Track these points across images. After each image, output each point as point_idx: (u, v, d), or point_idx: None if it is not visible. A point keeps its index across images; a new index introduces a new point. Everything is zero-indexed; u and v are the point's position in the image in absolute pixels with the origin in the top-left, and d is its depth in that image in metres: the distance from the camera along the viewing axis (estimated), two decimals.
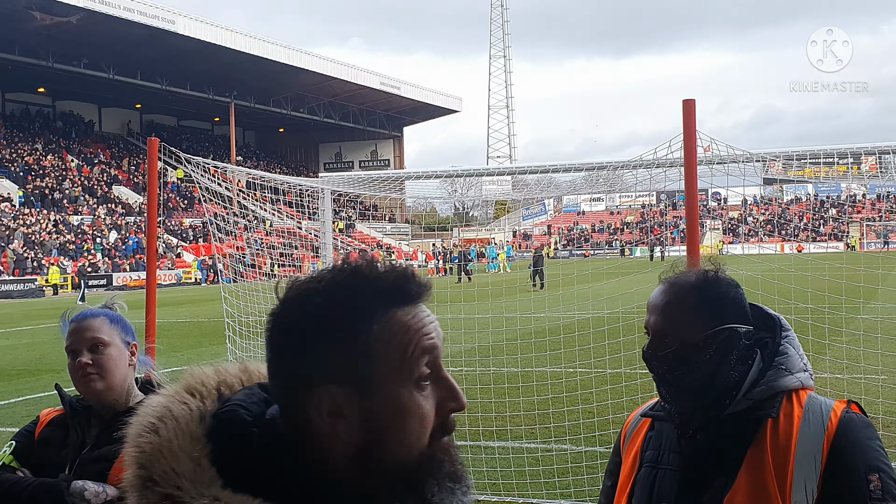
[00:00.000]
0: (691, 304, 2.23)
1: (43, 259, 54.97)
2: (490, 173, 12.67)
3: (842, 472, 2.07)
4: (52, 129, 77.58)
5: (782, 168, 9.79)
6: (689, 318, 2.22)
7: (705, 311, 2.22)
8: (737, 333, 2.21)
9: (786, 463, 2.10)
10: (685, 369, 2.20)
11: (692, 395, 2.22)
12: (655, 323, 2.29)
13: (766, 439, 2.14)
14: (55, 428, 2.97)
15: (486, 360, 13.92)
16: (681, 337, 2.21)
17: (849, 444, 2.09)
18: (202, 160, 8.95)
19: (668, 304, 2.27)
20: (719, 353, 2.19)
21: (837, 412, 2.15)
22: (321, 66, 79.28)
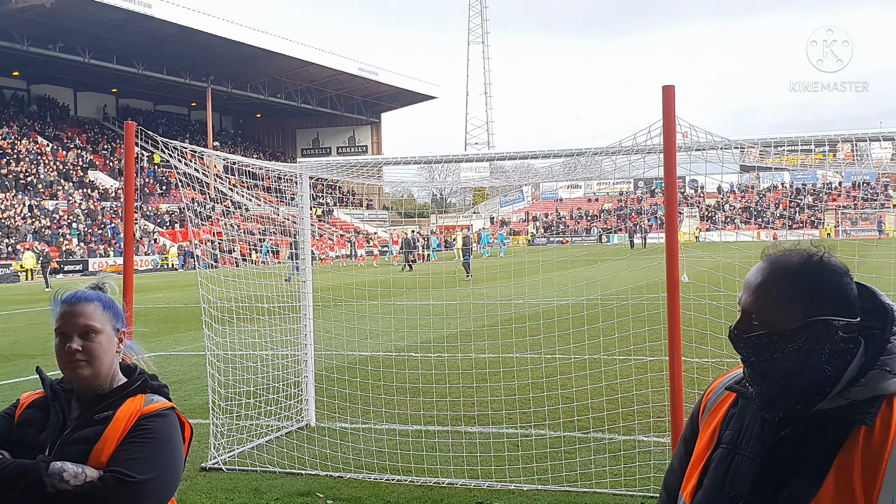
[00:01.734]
0: (786, 289, 2.06)
1: (17, 244, 54.53)
2: (468, 159, 12.65)
3: None
4: (27, 114, 76.85)
5: (759, 156, 9.82)
6: (781, 304, 2.05)
7: (800, 299, 2.04)
8: (832, 327, 2.02)
9: (876, 475, 1.92)
10: (770, 357, 2.04)
11: (775, 385, 2.06)
12: (746, 302, 2.12)
13: (857, 446, 1.96)
14: (35, 410, 2.95)
15: (463, 345, 13.94)
16: (770, 322, 2.05)
17: None
18: (179, 144, 8.89)
19: (762, 284, 2.10)
20: (809, 345, 2.01)
21: None
22: (298, 51, 78.90)
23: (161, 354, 16.46)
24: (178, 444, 2.88)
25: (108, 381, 2.91)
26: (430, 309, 13.27)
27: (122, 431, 2.78)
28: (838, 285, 2.06)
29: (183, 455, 2.92)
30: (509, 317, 16.21)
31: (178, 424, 2.93)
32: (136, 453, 2.73)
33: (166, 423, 2.85)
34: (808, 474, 1.99)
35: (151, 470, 2.71)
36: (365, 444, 8.95)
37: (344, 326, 13.58)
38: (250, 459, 8.77)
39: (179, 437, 2.90)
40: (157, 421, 2.82)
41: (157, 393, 2.97)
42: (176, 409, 2.95)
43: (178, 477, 2.87)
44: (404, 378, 11.14)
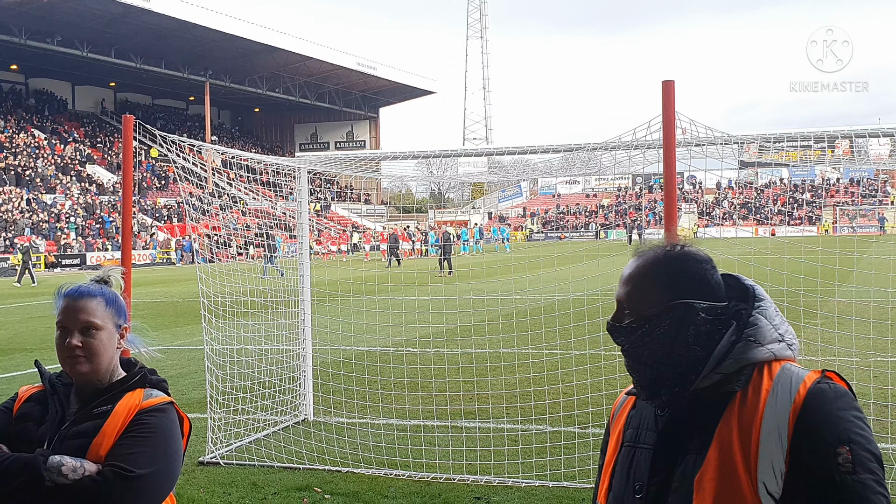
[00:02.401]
0: (650, 278, 2.22)
1: (15, 238, 54.47)
2: (467, 154, 12.64)
3: (808, 446, 1.99)
4: (25, 107, 76.71)
5: (758, 151, 9.81)
6: (646, 292, 2.21)
7: (663, 285, 2.20)
8: (693, 309, 2.16)
9: (751, 440, 2.03)
10: (641, 342, 2.19)
11: (650, 368, 2.19)
12: (618, 294, 2.29)
13: (733, 414, 2.08)
14: (34, 404, 2.95)
15: (462, 340, 13.93)
16: (638, 309, 2.21)
17: (816, 417, 2.00)
18: (177, 138, 8.87)
19: (631, 276, 2.27)
20: (674, 328, 2.15)
21: (807, 383, 2.05)
22: (297, 46, 78.80)
23: (159, 349, 16.41)
24: (177, 439, 2.87)
25: (108, 376, 2.91)
26: (428, 304, 13.26)
27: (121, 426, 2.77)
28: (697, 271, 2.22)
29: (181, 450, 2.91)
30: (508, 312, 16.21)
31: (177, 419, 2.92)
32: (135, 448, 2.72)
33: (165, 417, 2.84)
34: (694, 450, 2.11)
35: (150, 464, 2.71)
36: (363, 439, 8.95)
37: (342, 321, 13.57)
38: (248, 454, 8.76)
39: (178, 431, 2.90)
40: (155, 416, 2.82)
41: (157, 387, 2.97)
42: (175, 404, 2.95)
43: (176, 471, 2.86)
44: (402, 373, 11.15)
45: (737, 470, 2.02)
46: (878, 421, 8.92)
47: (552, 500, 7.21)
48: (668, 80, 7.09)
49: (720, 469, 2.04)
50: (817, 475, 1.96)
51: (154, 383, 2.97)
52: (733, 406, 2.08)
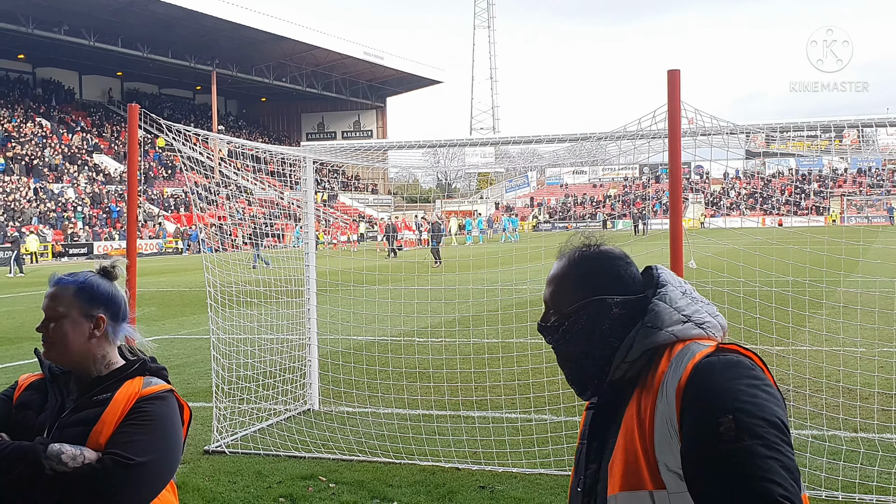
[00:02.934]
0: (568, 277, 2.32)
1: (23, 227, 54.60)
2: (473, 143, 12.62)
3: (691, 420, 1.98)
4: (32, 96, 76.78)
5: (765, 141, 9.80)
6: (565, 290, 2.30)
7: (578, 283, 2.29)
8: (606, 303, 2.24)
9: (646, 421, 2.07)
10: (564, 339, 2.28)
11: (575, 364, 2.28)
12: (544, 295, 2.39)
13: (634, 399, 2.13)
14: (34, 392, 2.97)
15: (467, 330, 13.95)
16: (559, 308, 2.30)
17: (699, 390, 2.00)
18: (183, 127, 8.87)
19: (553, 277, 2.37)
20: (590, 323, 2.23)
21: (696, 358, 2.06)
22: (304, 35, 78.69)
23: (165, 338, 16.50)
24: (177, 427, 2.88)
25: (95, 365, 2.92)
26: (433, 294, 13.26)
27: (121, 414, 2.78)
28: (610, 267, 2.30)
29: (182, 437, 2.92)
30: (512, 302, 16.21)
31: (177, 407, 2.93)
32: (135, 436, 2.73)
33: (165, 405, 2.85)
34: (610, 437, 2.18)
35: (150, 452, 2.71)
36: (368, 428, 8.97)
37: (347, 311, 13.59)
38: (253, 443, 8.79)
39: (178, 419, 2.90)
40: (155, 403, 2.83)
41: (156, 375, 2.97)
42: (175, 392, 2.95)
43: (176, 459, 2.87)
44: (407, 362, 11.16)
45: (636, 452, 2.07)
46: (885, 411, 8.92)
47: (556, 488, 7.22)
48: (674, 69, 7.08)
49: (624, 453, 2.09)
50: (702, 448, 1.95)
51: (154, 371, 2.98)
52: (637, 392, 2.14)
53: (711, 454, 1.93)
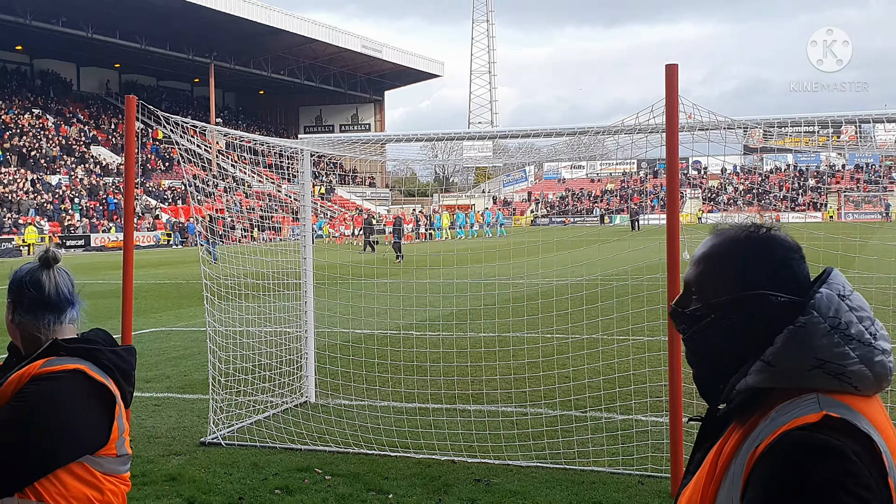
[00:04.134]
0: (726, 261, 1.91)
1: (20, 219, 54.54)
2: (471, 137, 12.62)
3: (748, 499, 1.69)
4: (30, 88, 76.64)
5: (763, 137, 9.80)
6: (718, 276, 1.91)
7: (738, 270, 1.89)
8: (768, 302, 1.84)
9: (719, 471, 1.80)
10: (703, 333, 1.91)
11: (707, 363, 1.93)
12: (687, 275, 1.99)
13: (727, 435, 1.84)
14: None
15: (464, 324, 13.96)
16: (706, 295, 1.91)
17: (769, 470, 1.69)
18: (180, 119, 8.86)
19: (703, 256, 1.96)
20: (742, 322, 1.86)
21: (787, 427, 1.71)
22: (302, 28, 78.54)
23: (162, 330, 16.50)
24: (67, 409, 2.77)
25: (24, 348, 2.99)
26: (430, 287, 13.27)
27: (9, 395, 2.77)
28: (783, 259, 1.90)
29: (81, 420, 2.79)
30: (509, 296, 16.22)
31: (82, 387, 2.82)
32: (1, 416, 2.73)
33: (54, 385, 2.77)
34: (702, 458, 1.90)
35: (9, 433, 2.68)
36: (364, 421, 8.98)
37: (344, 304, 13.60)
38: (249, 435, 8.80)
39: (74, 400, 2.79)
40: (41, 384, 2.77)
41: (78, 355, 2.89)
42: (86, 371, 2.84)
43: (62, 443, 2.75)
44: (404, 356, 11.17)
45: (699, 494, 1.82)
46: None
47: (551, 481, 7.24)
48: (672, 63, 7.08)
49: (692, 489, 1.86)
50: None
51: (73, 351, 2.89)
52: (733, 426, 1.85)
53: None
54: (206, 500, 6.91)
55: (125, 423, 2.97)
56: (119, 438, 2.90)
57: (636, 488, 7.07)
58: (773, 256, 1.89)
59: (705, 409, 2.00)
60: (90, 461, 2.80)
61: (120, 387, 2.94)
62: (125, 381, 2.98)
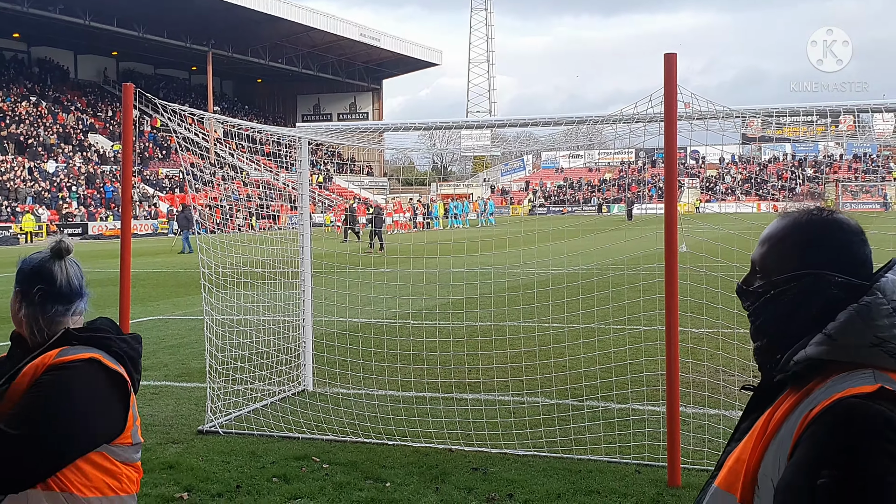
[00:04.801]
0: (788, 240, 2.03)
1: (17, 206, 54.48)
2: (469, 126, 12.61)
3: (796, 459, 1.76)
4: (27, 75, 76.44)
5: (761, 126, 9.79)
6: (781, 254, 2.03)
7: (799, 249, 2.00)
8: (825, 280, 1.94)
9: (769, 434, 1.86)
10: (763, 308, 2.03)
11: (770, 339, 2.03)
12: (753, 255, 2.11)
13: (778, 403, 1.90)
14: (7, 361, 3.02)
15: (460, 313, 13.97)
16: (769, 273, 2.04)
17: (821, 430, 1.75)
18: (178, 107, 8.85)
19: (768, 236, 2.09)
20: (801, 298, 1.96)
21: (842, 394, 1.77)
22: (300, 16, 78.31)
23: (160, 318, 16.50)
24: (83, 398, 2.76)
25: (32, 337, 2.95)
26: (427, 276, 13.28)
27: (27, 385, 2.76)
28: (843, 241, 2.00)
29: (96, 408, 2.79)
30: (506, 285, 16.23)
31: (98, 377, 2.82)
32: (21, 407, 2.70)
33: (69, 375, 2.76)
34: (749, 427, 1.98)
35: (30, 424, 2.65)
36: (361, 410, 9.00)
37: (342, 293, 13.60)
38: (247, 423, 8.82)
39: (90, 390, 2.79)
40: (57, 373, 2.75)
41: (90, 344, 2.89)
42: (100, 360, 2.83)
43: (81, 432, 2.75)
44: (401, 345, 11.18)
45: (745, 461, 1.89)
46: None
47: (548, 470, 7.26)
48: (670, 53, 7.07)
49: (740, 452, 1.93)
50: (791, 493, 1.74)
51: (85, 340, 2.89)
52: (785, 394, 1.92)
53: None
54: (204, 487, 6.92)
55: (136, 411, 2.99)
56: (133, 427, 2.92)
57: (633, 477, 7.09)
58: (833, 238, 2.00)
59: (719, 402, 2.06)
60: (108, 450, 2.81)
61: (130, 375, 2.94)
62: (134, 368, 2.97)
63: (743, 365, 9.92)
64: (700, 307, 9.20)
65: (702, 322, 10.13)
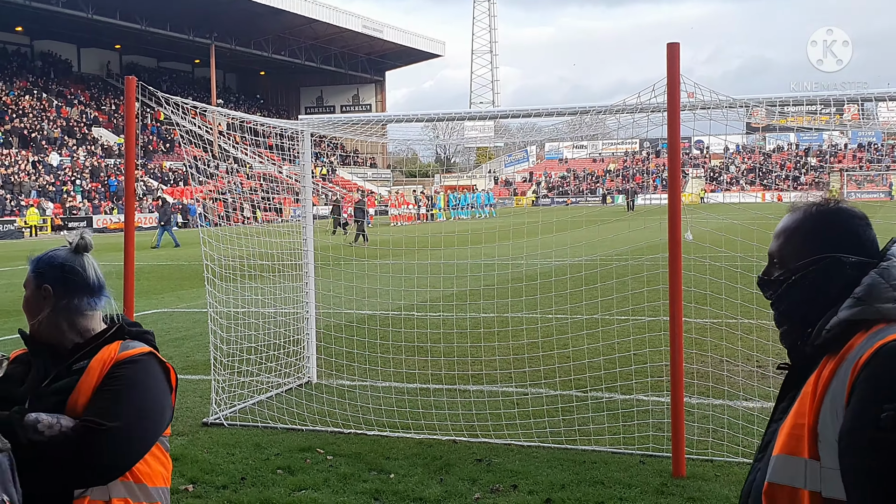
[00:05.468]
0: (801, 230, 2.23)
1: (22, 200, 54.53)
2: (472, 117, 12.57)
3: (856, 401, 1.93)
4: (31, 69, 76.42)
5: (766, 116, 9.76)
6: (796, 244, 2.22)
7: (812, 238, 2.20)
8: (840, 263, 2.15)
9: (820, 392, 2.02)
10: (786, 295, 2.21)
11: (794, 323, 2.21)
12: (770, 248, 2.30)
13: (820, 368, 2.06)
14: (18, 365, 3.00)
15: (465, 305, 13.97)
16: (787, 262, 2.22)
17: (874, 372, 1.93)
18: (180, 100, 8.84)
19: (783, 229, 2.27)
20: (819, 281, 2.16)
21: (886, 340, 1.96)
22: (302, 8, 78.19)
23: (164, 311, 16.53)
24: (156, 390, 2.87)
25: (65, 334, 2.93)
26: (431, 268, 13.27)
27: (97, 379, 2.79)
28: (850, 226, 2.21)
29: (164, 401, 2.91)
30: (510, 276, 16.23)
31: (159, 370, 2.92)
32: (107, 401, 2.74)
33: (139, 368, 2.84)
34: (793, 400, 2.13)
35: (120, 417, 2.71)
36: (365, 402, 9.00)
37: (345, 285, 13.61)
38: (252, 415, 8.83)
39: (157, 382, 2.90)
40: (129, 367, 2.82)
41: (138, 339, 2.97)
42: (157, 354, 2.95)
43: (157, 423, 2.86)
44: (405, 336, 11.19)
45: (804, 418, 2.04)
46: None
47: (552, 461, 7.26)
48: (673, 42, 7.05)
49: (795, 417, 2.07)
50: (856, 431, 1.91)
51: (134, 335, 2.97)
52: (825, 360, 2.07)
53: (863, 440, 1.89)
54: (209, 479, 6.93)
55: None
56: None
57: (637, 468, 7.09)
58: (842, 224, 2.21)
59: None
60: (161, 441, 2.91)
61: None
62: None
63: (747, 355, 9.91)
64: (704, 297, 9.20)
65: (706, 312, 10.12)
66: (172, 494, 6.61)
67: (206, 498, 6.58)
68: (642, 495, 6.46)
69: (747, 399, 8.60)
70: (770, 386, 8.78)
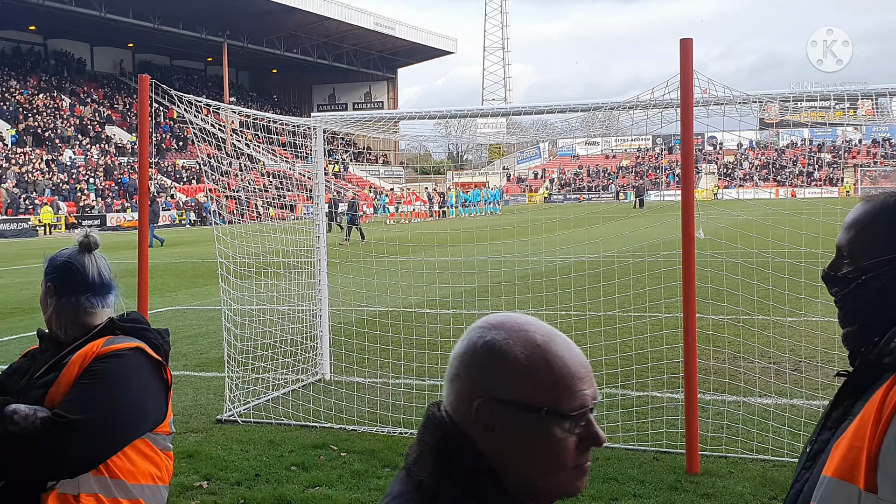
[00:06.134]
0: (876, 224, 2.00)
1: (36, 199, 54.76)
2: (484, 114, 12.57)
3: None
4: (44, 68, 76.75)
5: (779, 112, 9.72)
6: (869, 239, 1.99)
7: (889, 233, 1.97)
8: None
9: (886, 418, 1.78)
10: (854, 294, 1.99)
11: (858, 323, 2.00)
12: (839, 240, 2.07)
13: (887, 387, 1.82)
14: (27, 359, 3.06)
15: (478, 301, 13.97)
16: (857, 258, 2.00)
17: None
18: (193, 98, 8.85)
19: (854, 221, 2.04)
20: (892, 285, 1.94)
21: None
22: (314, 6, 78.25)
23: (178, 309, 16.58)
24: (135, 384, 2.86)
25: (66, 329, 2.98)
26: (445, 265, 13.27)
27: (76, 373, 2.81)
28: None
29: (145, 396, 2.89)
30: (524, 273, 16.20)
31: (145, 365, 2.91)
32: (78, 395, 2.75)
33: (121, 363, 2.84)
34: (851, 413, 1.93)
35: (86, 410, 2.71)
36: (379, 398, 9.00)
37: (359, 282, 13.62)
38: (265, 412, 8.84)
39: (140, 377, 2.88)
40: (109, 361, 2.82)
41: (133, 335, 2.96)
42: (145, 349, 2.93)
43: (133, 419, 2.84)
44: (419, 333, 11.18)
45: (864, 442, 1.80)
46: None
47: None
48: (686, 38, 7.02)
49: (852, 439, 1.84)
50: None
51: (127, 330, 2.97)
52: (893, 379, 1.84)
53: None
54: (223, 476, 6.95)
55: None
56: (171, 416, 3.01)
57: (651, 464, 7.07)
58: None
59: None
60: (150, 437, 2.89)
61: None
62: (164, 360, 3.05)
63: (761, 351, 9.88)
64: (720, 294, 9.16)
65: (721, 308, 10.08)
66: (186, 491, 6.64)
67: (221, 494, 6.60)
68: (656, 492, 6.45)
69: (762, 396, 8.57)
70: (785, 383, 8.74)
